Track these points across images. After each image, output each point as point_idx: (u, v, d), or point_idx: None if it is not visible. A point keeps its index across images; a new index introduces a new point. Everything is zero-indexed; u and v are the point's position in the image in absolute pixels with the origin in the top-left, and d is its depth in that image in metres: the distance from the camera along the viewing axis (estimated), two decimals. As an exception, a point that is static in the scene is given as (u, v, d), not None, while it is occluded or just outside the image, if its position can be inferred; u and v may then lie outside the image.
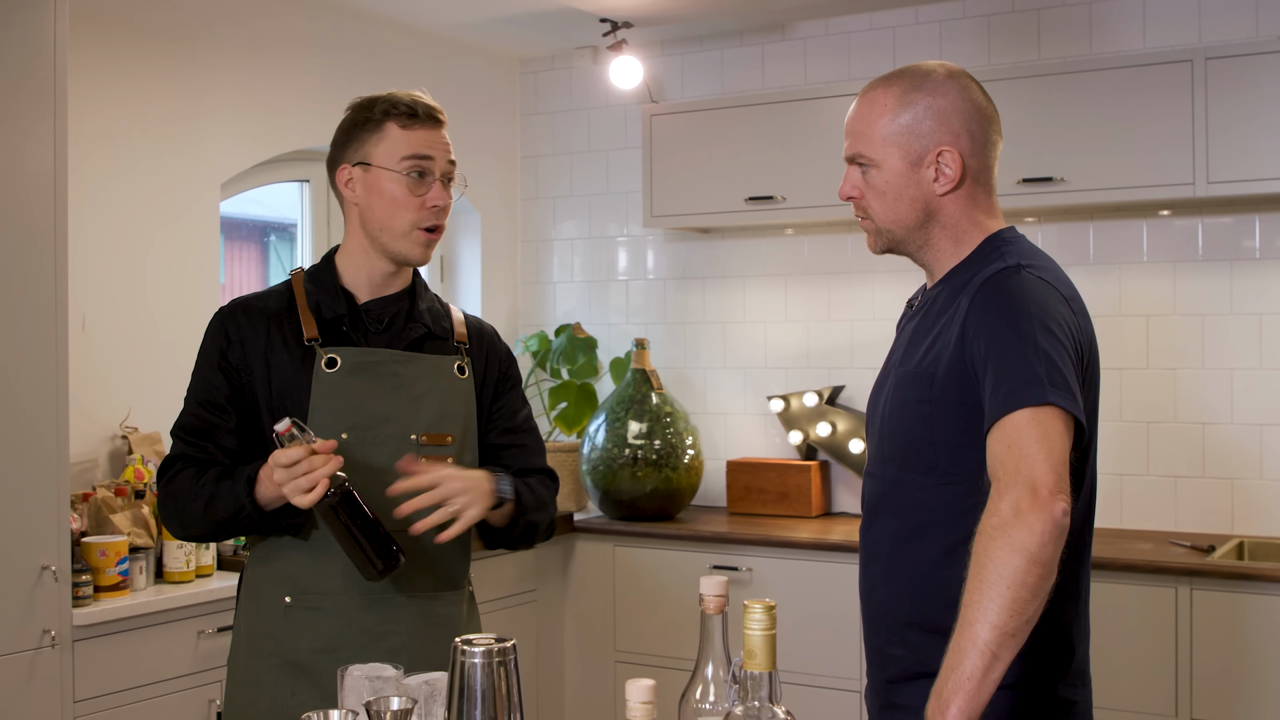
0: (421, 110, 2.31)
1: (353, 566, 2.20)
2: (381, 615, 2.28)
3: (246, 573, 2.36)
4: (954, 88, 2.06)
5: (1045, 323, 1.91)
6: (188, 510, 2.25)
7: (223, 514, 2.22)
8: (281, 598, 2.28)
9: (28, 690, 3.05)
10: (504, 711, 1.48)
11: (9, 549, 3.03)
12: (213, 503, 2.22)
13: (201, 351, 2.34)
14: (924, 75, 2.07)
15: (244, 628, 2.33)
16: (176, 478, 2.28)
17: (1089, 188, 3.93)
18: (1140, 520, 4.20)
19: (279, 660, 2.27)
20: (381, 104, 2.31)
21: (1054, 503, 1.76)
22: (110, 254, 3.78)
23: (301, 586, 2.28)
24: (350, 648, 2.23)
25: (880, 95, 2.08)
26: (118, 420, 3.77)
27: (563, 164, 5.24)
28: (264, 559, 2.32)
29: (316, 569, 2.27)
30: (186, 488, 2.26)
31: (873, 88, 2.10)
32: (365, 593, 2.27)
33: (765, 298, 4.84)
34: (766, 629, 1.38)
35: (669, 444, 4.52)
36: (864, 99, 2.10)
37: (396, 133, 2.30)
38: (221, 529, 2.25)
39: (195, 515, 2.24)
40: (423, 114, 2.31)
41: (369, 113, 2.32)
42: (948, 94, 2.05)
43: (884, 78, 2.11)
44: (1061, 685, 2.02)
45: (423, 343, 2.38)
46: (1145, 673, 3.60)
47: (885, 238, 2.12)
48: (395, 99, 2.32)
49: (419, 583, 2.31)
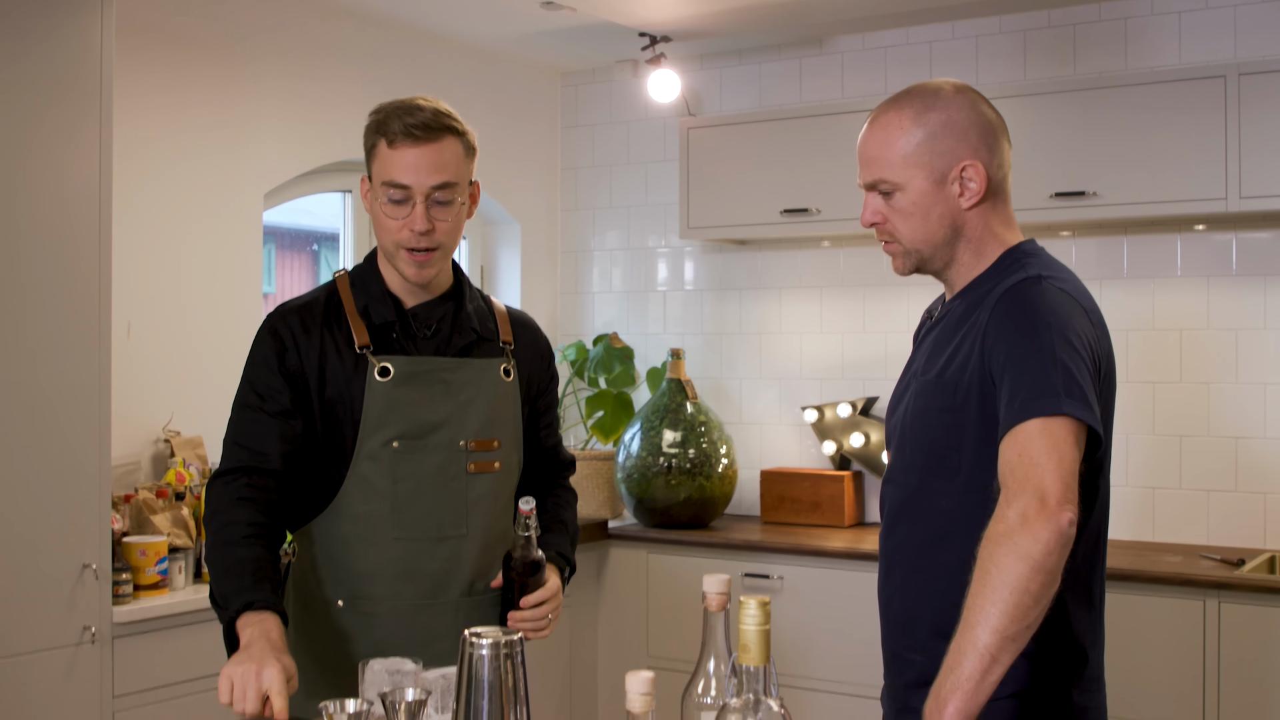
0: (404, 128, 2.22)
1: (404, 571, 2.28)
2: (432, 619, 2.30)
3: (294, 573, 2.36)
4: (964, 102, 2.08)
5: (1064, 333, 1.94)
6: (210, 543, 2.22)
7: (215, 585, 2.17)
8: (334, 601, 2.30)
9: (68, 684, 3.13)
10: (510, 703, 1.53)
11: (51, 547, 3.11)
12: (223, 573, 2.16)
13: (254, 358, 2.31)
14: (934, 93, 2.09)
15: (293, 628, 2.28)
16: (225, 490, 2.24)
17: (1122, 201, 3.94)
18: (1171, 534, 4.19)
19: (329, 662, 2.28)
20: (377, 117, 2.27)
21: (1061, 513, 1.78)
22: (154, 261, 3.87)
23: (353, 590, 2.30)
24: (401, 652, 2.20)
25: (894, 118, 2.08)
26: (160, 424, 3.85)
27: (602, 175, 5.30)
28: (312, 561, 2.32)
29: (367, 574, 2.29)
30: (222, 519, 2.21)
31: (883, 112, 2.10)
32: (416, 597, 2.30)
33: (801, 309, 4.87)
34: (760, 624, 1.42)
35: (703, 453, 4.56)
36: (876, 124, 2.10)
37: (384, 152, 2.24)
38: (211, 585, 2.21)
39: (210, 551, 2.21)
40: (405, 132, 2.22)
41: (371, 125, 2.28)
42: (960, 109, 2.07)
43: (891, 101, 2.11)
44: (1076, 691, 2.04)
45: (471, 348, 2.37)
46: (1172, 686, 3.60)
47: (914, 258, 2.13)
48: (387, 114, 2.25)
49: (469, 585, 2.34)
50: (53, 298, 3.14)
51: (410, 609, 2.30)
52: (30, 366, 3.09)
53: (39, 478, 3.09)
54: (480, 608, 2.34)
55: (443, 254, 2.30)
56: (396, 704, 1.73)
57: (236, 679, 1.95)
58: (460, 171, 2.27)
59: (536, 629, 2.27)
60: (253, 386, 2.29)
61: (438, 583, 2.31)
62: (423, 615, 2.30)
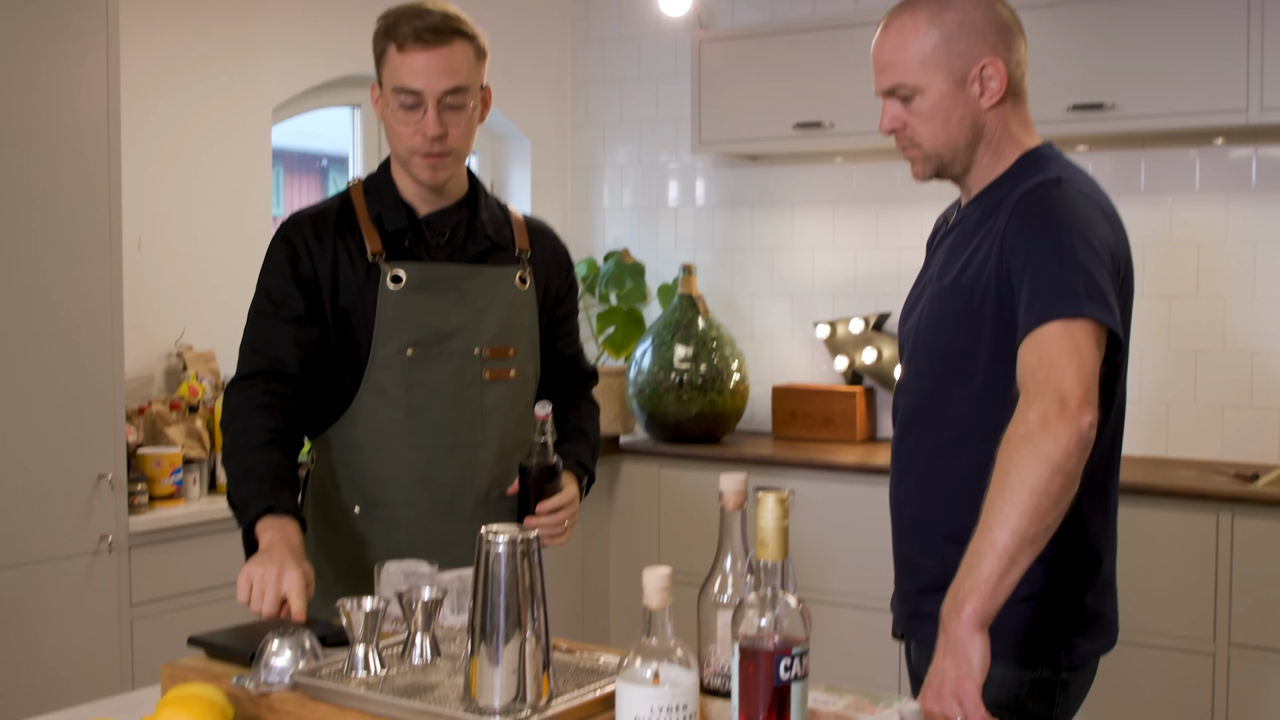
0: (413, 31, 2.20)
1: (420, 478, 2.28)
2: (448, 525, 2.31)
3: (312, 480, 2.37)
4: (979, 1, 2.05)
5: (1084, 236, 1.92)
6: (229, 448, 2.21)
7: (234, 489, 2.17)
8: (350, 507, 2.32)
9: (87, 592, 3.16)
10: (527, 601, 1.53)
11: (67, 458, 3.13)
12: (242, 477, 2.16)
13: (268, 266, 2.30)
14: None
15: (311, 534, 2.29)
16: (243, 395, 2.23)
17: (1141, 114, 3.89)
18: (1186, 449, 4.19)
19: (346, 568, 2.30)
20: (386, 22, 2.24)
21: (1081, 415, 1.78)
22: (164, 176, 3.85)
23: (369, 497, 2.31)
24: (418, 556, 2.21)
25: (908, 20, 2.04)
26: (173, 339, 3.85)
27: (613, 90, 5.25)
28: (330, 468, 2.33)
29: (385, 480, 2.30)
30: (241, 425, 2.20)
31: (896, 16, 2.06)
32: (432, 503, 2.31)
33: (813, 224, 4.84)
34: (779, 519, 1.42)
35: (715, 368, 4.55)
36: (890, 28, 2.07)
37: (394, 57, 2.22)
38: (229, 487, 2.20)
39: (228, 456, 2.21)
40: (414, 35, 2.20)
41: (379, 31, 2.26)
42: (975, 7, 2.03)
43: (905, 4, 2.07)
44: (1089, 595, 2.05)
45: (486, 255, 2.36)
46: (1185, 599, 3.61)
47: (934, 163, 2.09)
48: (396, 18, 2.23)
49: (484, 492, 2.35)
50: (64, 212, 3.13)
51: (426, 515, 2.31)
52: (43, 280, 3.09)
53: (54, 389, 3.10)
54: (496, 515, 2.33)
55: (456, 158, 2.28)
56: (413, 603, 1.74)
57: (256, 579, 1.96)
58: (471, 75, 2.25)
59: (552, 535, 2.27)
60: (268, 294, 2.29)
61: (453, 490, 2.31)
62: (438, 522, 2.31)
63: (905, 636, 2.21)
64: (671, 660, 1.42)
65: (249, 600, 1.95)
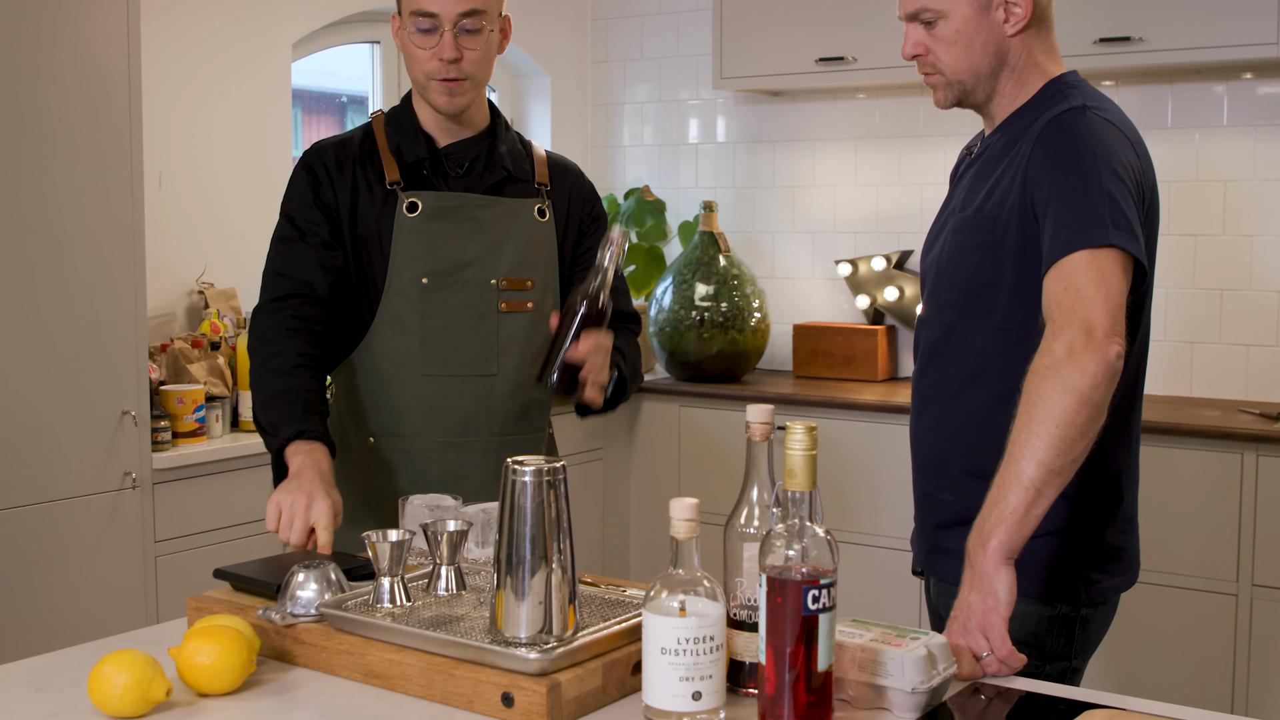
0: None
1: (433, 408, 2.27)
2: (462, 456, 2.31)
3: (331, 409, 2.36)
4: None
5: (1110, 164, 1.89)
6: (257, 371, 2.21)
7: (262, 412, 2.16)
8: (365, 438, 2.32)
9: (111, 528, 3.18)
10: (553, 533, 1.53)
11: (90, 394, 3.14)
12: (270, 400, 2.15)
13: (290, 194, 2.31)
14: None
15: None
16: (272, 319, 2.22)
17: (1169, 47, 3.83)
18: (1210, 389, 4.17)
19: (363, 499, 2.31)
20: None
21: (1109, 345, 1.76)
22: (185, 112, 3.84)
23: (386, 428, 2.31)
24: (431, 488, 2.26)
25: None
26: (194, 276, 3.85)
27: (633, 26, 5.20)
28: (348, 399, 2.34)
29: (399, 410, 2.30)
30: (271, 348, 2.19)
31: None
32: (445, 434, 2.30)
33: (835, 162, 4.81)
34: (807, 449, 1.41)
35: (736, 306, 4.53)
36: None
37: None
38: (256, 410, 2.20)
39: (257, 379, 2.21)
40: None
41: None
42: None
43: None
44: (1110, 531, 2.04)
45: (503, 186, 2.35)
46: (1208, 539, 3.60)
47: (956, 89, 2.07)
48: None
49: (499, 424, 2.34)
50: (85, 149, 3.12)
51: (440, 446, 2.31)
52: (65, 219, 3.08)
53: (78, 327, 3.11)
54: (511, 448, 2.34)
55: (473, 85, 2.28)
56: (439, 534, 1.74)
57: (285, 508, 1.96)
58: (489, 0, 2.25)
59: (600, 382, 2.15)
60: (291, 220, 2.29)
61: (466, 421, 2.31)
62: (452, 452, 2.31)
63: (924, 573, 2.20)
64: (698, 591, 1.41)
65: (277, 528, 1.96)
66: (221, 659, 1.55)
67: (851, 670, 1.52)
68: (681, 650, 1.40)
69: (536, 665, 1.48)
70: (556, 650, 1.50)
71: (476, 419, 2.32)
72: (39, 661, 1.72)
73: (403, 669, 1.58)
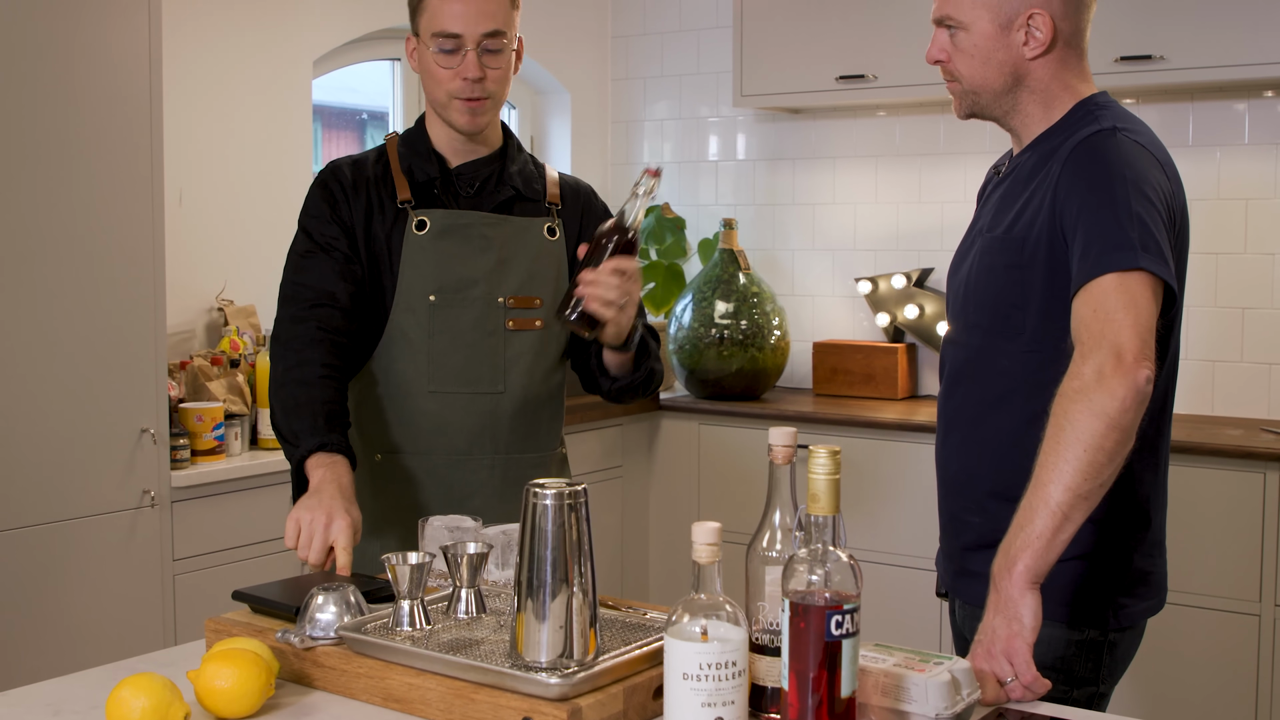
0: None
1: (438, 426, 2.26)
2: (468, 474, 2.31)
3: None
4: None
5: (1140, 186, 1.88)
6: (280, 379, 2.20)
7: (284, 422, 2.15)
8: (372, 455, 2.32)
9: (129, 546, 3.17)
10: (574, 556, 1.52)
11: (110, 412, 3.14)
12: (293, 410, 2.15)
13: (308, 211, 2.33)
14: None
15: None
16: (295, 328, 2.22)
17: (1189, 65, 3.82)
18: (1231, 407, 4.14)
19: (368, 515, 2.27)
20: None
21: (1138, 369, 1.74)
22: (206, 129, 3.84)
23: (392, 445, 2.31)
24: (436, 506, 2.27)
25: None
26: (214, 293, 3.86)
27: (653, 43, 5.20)
28: (355, 414, 2.33)
29: (406, 427, 2.30)
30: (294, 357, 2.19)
31: None
32: (451, 452, 2.30)
33: (855, 179, 4.79)
34: (830, 473, 1.40)
35: (755, 324, 4.52)
36: None
37: (433, 3, 2.25)
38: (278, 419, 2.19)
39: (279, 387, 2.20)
40: None
41: None
42: None
43: None
44: (1138, 554, 2.02)
45: (512, 205, 2.37)
46: (1230, 560, 3.57)
47: (970, 101, 2.08)
48: None
49: (505, 443, 2.34)
50: (106, 166, 3.13)
51: (445, 464, 2.30)
52: (85, 235, 3.08)
53: (97, 344, 3.11)
54: (517, 466, 2.34)
55: (494, 103, 2.31)
56: (459, 557, 1.73)
57: (305, 525, 1.96)
58: (508, 20, 2.28)
59: (604, 299, 2.12)
60: (310, 235, 2.31)
61: (472, 438, 2.31)
62: (458, 471, 2.31)
63: (949, 595, 2.18)
64: (720, 616, 1.40)
65: (296, 545, 1.95)
66: (240, 683, 1.55)
67: (875, 696, 1.51)
68: (703, 675, 1.39)
69: (557, 690, 1.47)
70: (577, 675, 1.49)
71: (482, 437, 2.31)
72: (58, 684, 1.72)
73: (422, 693, 1.57)
